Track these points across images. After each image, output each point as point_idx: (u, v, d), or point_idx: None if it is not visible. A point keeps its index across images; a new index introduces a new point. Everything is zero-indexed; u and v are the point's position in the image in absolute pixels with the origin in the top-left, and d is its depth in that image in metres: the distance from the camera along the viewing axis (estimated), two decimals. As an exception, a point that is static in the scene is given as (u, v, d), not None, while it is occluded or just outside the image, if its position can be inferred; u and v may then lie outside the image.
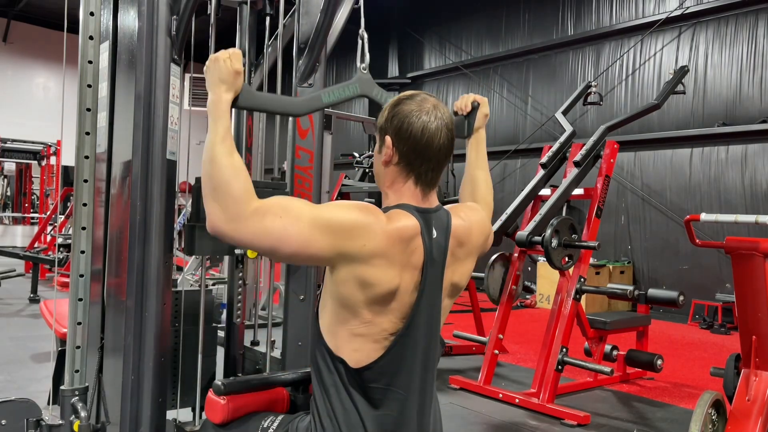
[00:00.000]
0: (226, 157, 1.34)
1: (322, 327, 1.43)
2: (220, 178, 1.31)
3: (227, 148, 1.35)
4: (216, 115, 1.38)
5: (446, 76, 11.84)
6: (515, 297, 4.50)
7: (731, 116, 7.93)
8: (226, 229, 1.30)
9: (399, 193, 1.45)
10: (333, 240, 1.30)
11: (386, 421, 1.39)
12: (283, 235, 1.29)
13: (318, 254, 1.31)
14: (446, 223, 1.46)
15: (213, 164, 1.33)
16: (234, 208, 1.29)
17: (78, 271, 2.11)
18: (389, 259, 1.33)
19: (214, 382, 1.63)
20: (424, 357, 1.44)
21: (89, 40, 2.11)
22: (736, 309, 2.81)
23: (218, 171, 1.32)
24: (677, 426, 3.65)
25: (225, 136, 1.36)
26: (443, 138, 1.43)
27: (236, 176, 1.32)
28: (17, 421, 2.05)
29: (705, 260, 7.83)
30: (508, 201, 4.82)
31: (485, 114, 1.86)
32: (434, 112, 1.43)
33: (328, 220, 1.30)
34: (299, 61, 2.19)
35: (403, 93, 1.50)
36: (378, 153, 1.48)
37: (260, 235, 1.29)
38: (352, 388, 1.38)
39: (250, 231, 1.29)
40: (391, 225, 1.35)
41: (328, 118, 6.07)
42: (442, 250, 1.44)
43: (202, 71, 1.53)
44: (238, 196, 1.30)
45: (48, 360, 4.46)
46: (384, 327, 1.37)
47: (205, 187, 1.34)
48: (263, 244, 1.30)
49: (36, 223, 11.76)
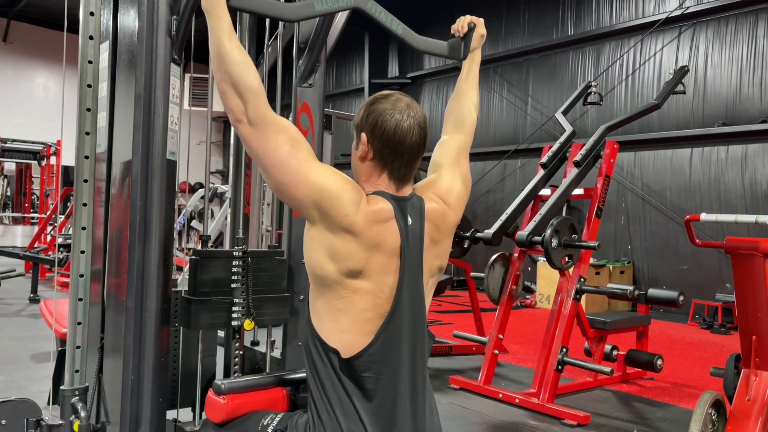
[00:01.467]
0: (238, 52, 1.42)
1: (311, 312, 1.49)
2: (237, 73, 1.39)
3: (236, 44, 1.43)
4: (217, 12, 1.45)
5: (446, 76, 11.84)
6: (515, 297, 4.50)
7: (731, 116, 7.93)
8: (246, 125, 1.40)
9: (375, 186, 1.52)
10: (319, 196, 1.39)
11: (380, 411, 1.43)
12: (284, 162, 1.39)
13: (300, 198, 1.41)
14: (420, 209, 1.53)
15: (227, 61, 1.40)
16: (255, 105, 1.39)
17: (78, 271, 2.11)
18: (360, 239, 1.41)
19: (214, 382, 1.63)
20: (411, 343, 1.49)
21: (89, 40, 2.11)
22: (736, 309, 2.81)
23: (234, 66, 1.40)
24: (677, 426, 3.65)
25: (231, 33, 1.43)
26: (415, 136, 1.50)
27: (250, 71, 1.41)
28: (17, 421, 2.05)
29: (705, 260, 7.83)
30: (508, 201, 4.82)
31: (481, 35, 1.92)
32: (407, 111, 1.50)
33: (326, 179, 1.41)
34: (299, 61, 2.19)
35: (379, 92, 1.57)
36: (355, 149, 1.56)
37: (268, 149, 1.39)
38: (345, 378, 1.43)
39: (264, 138, 1.40)
40: (370, 207, 1.43)
41: (328, 118, 6.06)
42: (418, 237, 1.51)
43: (202, 71, 1.56)
44: (258, 92, 1.40)
45: (48, 360, 4.46)
46: (363, 306, 1.43)
47: (222, 84, 1.41)
48: (265, 158, 1.40)
49: (36, 223, 11.76)
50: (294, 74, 2.22)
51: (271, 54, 2.45)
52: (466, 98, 1.86)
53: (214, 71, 1.44)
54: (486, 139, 10.83)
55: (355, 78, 13.76)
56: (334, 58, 13.89)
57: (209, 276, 2.03)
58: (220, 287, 2.05)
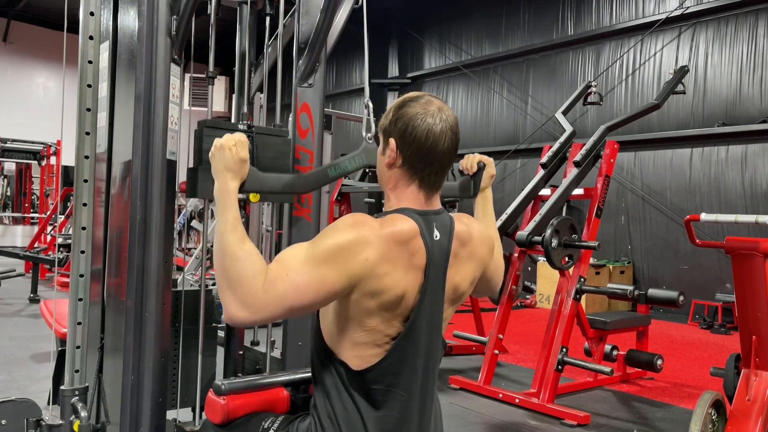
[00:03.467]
0: (238, 246, 1.32)
1: (323, 329, 1.43)
2: (234, 271, 1.29)
3: (238, 237, 1.33)
4: (224, 203, 1.37)
5: (446, 76, 11.84)
6: (515, 297, 4.49)
7: (731, 116, 7.92)
8: (245, 315, 1.28)
9: (401, 196, 1.45)
10: (339, 267, 1.29)
11: (387, 421, 1.39)
12: (296, 292, 1.28)
13: (334, 289, 1.30)
14: (449, 226, 1.46)
15: (226, 256, 1.31)
16: (250, 296, 1.28)
17: (78, 271, 2.11)
18: (392, 261, 1.33)
19: (214, 382, 1.63)
20: (425, 358, 1.44)
21: (89, 40, 2.11)
22: (736, 309, 2.81)
23: (232, 262, 1.30)
24: (677, 426, 3.65)
25: (235, 225, 1.34)
26: (448, 141, 1.42)
27: (250, 264, 1.30)
28: (17, 421, 2.05)
29: (705, 260, 7.82)
30: (508, 201, 4.82)
31: (491, 175, 1.86)
32: (439, 115, 1.41)
33: (326, 251, 1.29)
34: (299, 61, 2.19)
35: (407, 94, 1.48)
36: (381, 155, 1.47)
37: (277, 304, 1.28)
38: (353, 389, 1.38)
39: (267, 306, 1.28)
40: (385, 230, 1.34)
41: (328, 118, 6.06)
42: (445, 251, 1.43)
43: (202, 71, 1.54)
44: (252, 284, 1.28)
45: (48, 360, 4.46)
46: (387, 333, 1.37)
47: (219, 279, 1.32)
48: (283, 309, 1.29)
49: (36, 223, 11.75)
50: (294, 74, 2.21)
51: (271, 54, 2.44)
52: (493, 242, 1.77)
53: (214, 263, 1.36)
54: (486, 139, 10.83)
55: (355, 78, 13.75)
56: (334, 58, 13.89)
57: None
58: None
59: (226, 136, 1.42)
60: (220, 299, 1.32)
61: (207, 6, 2.19)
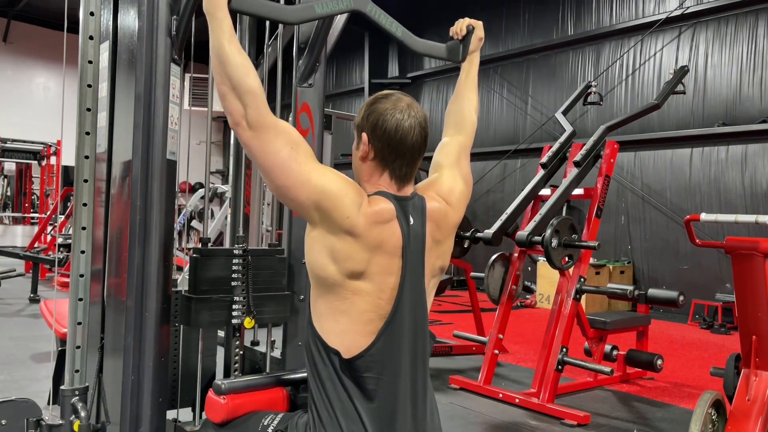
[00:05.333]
0: (238, 55, 1.41)
1: (312, 313, 1.49)
2: (238, 76, 1.39)
3: (236, 47, 1.42)
4: (218, 15, 1.44)
5: (446, 76, 11.84)
6: (515, 297, 4.49)
7: (731, 116, 7.93)
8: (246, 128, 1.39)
9: (376, 185, 1.52)
10: (320, 198, 1.39)
11: (380, 412, 1.43)
12: (285, 165, 1.39)
13: (302, 201, 1.41)
14: (422, 209, 1.53)
15: (227, 64, 1.39)
16: (254, 108, 1.38)
17: (78, 271, 2.11)
18: (361, 240, 1.41)
19: (214, 382, 1.63)
20: (412, 344, 1.49)
21: (89, 40, 2.11)
22: (736, 309, 2.81)
23: (234, 69, 1.39)
24: (677, 426, 3.65)
25: (231, 36, 1.43)
26: (416, 135, 1.50)
27: (250, 74, 1.40)
28: (17, 421, 2.05)
29: (705, 260, 7.82)
30: (508, 201, 4.82)
31: (480, 38, 1.92)
32: (408, 111, 1.50)
33: (327, 181, 1.41)
34: (299, 61, 2.19)
35: (379, 92, 1.57)
36: (356, 149, 1.56)
37: (268, 152, 1.39)
38: (346, 378, 1.43)
39: (263, 141, 1.39)
40: (371, 208, 1.43)
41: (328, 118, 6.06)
42: (420, 237, 1.51)
43: (202, 71, 1.56)
44: (258, 95, 1.39)
45: (48, 360, 4.46)
46: (364, 307, 1.43)
47: (222, 86, 1.40)
48: (265, 161, 1.40)
49: (36, 223, 11.75)
50: (294, 74, 2.21)
51: (271, 54, 2.45)
52: (465, 100, 1.87)
53: (214, 74, 1.45)
54: (486, 139, 10.83)
55: (355, 78, 13.75)
56: (334, 58, 13.89)
57: (210, 274, 2.03)
58: (220, 285, 2.05)
59: None
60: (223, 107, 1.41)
61: (207, 6, 2.19)
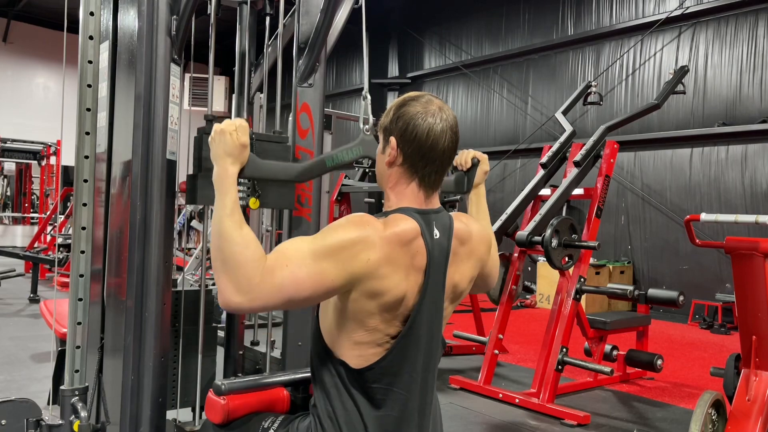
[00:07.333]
0: (236, 231, 1.31)
1: (322, 329, 1.43)
2: (230, 253, 1.29)
3: (236, 222, 1.32)
4: (223, 188, 1.36)
5: (446, 76, 11.84)
6: (515, 297, 4.49)
7: (731, 116, 7.93)
8: (240, 301, 1.27)
9: (401, 195, 1.45)
10: (341, 264, 1.29)
11: (387, 421, 1.39)
12: (294, 283, 1.27)
13: (333, 285, 1.30)
14: (449, 225, 1.47)
15: (223, 239, 1.30)
16: (245, 281, 1.27)
17: (78, 271, 2.11)
18: (394, 264, 1.33)
19: (214, 382, 1.63)
20: (425, 357, 1.44)
21: (89, 40, 2.11)
22: (736, 309, 2.81)
23: (229, 246, 1.29)
24: (677, 426, 3.65)
25: (233, 210, 1.34)
26: (448, 140, 1.42)
27: (247, 248, 1.29)
28: (17, 421, 2.05)
29: (705, 260, 7.82)
30: (508, 201, 4.82)
31: (485, 171, 1.85)
32: (439, 114, 1.42)
33: (329, 247, 1.29)
34: (299, 61, 2.19)
35: (408, 94, 1.49)
36: (381, 153, 1.47)
37: (274, 293, 1.27)
38: (353, 388, 1.38)
39: (264, 294, 1.27)
40: (388, 230, 1.34)
41: (328, 118, 6.06)
42: (445, 250, 1.44)
43: (202, 71, 1.54)
44: (249, 269, 1.27)
45: (48, 360, 4.46)
46: (387, 332, 1.38)
47: (215, 261, 1.31)
48: (280, 299, 1.29)
49: (36, 223, 11.75)
50: (294, 74, 2.21)
51: (271, 54, 2.44)
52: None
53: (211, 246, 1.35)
54: (486, 139, 10.83)
55: (355, 78, 13.75)
56: (334, 58, 13.89)
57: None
58: None
59: (227, 121, 1.42)
60: (216, 283, 1.31)
61: (207, 6, 2.19)
